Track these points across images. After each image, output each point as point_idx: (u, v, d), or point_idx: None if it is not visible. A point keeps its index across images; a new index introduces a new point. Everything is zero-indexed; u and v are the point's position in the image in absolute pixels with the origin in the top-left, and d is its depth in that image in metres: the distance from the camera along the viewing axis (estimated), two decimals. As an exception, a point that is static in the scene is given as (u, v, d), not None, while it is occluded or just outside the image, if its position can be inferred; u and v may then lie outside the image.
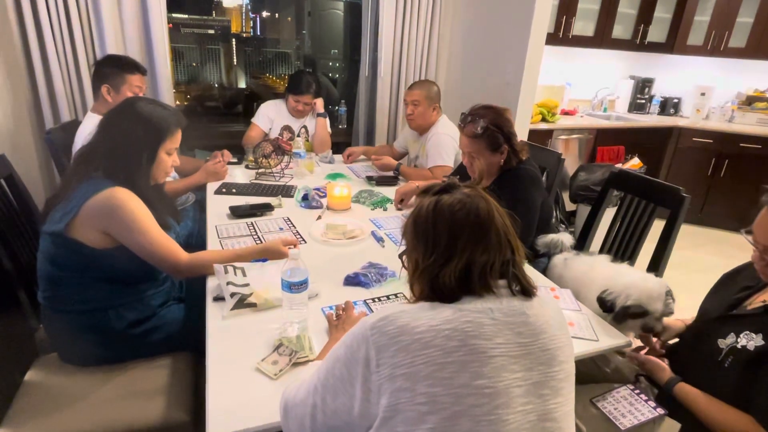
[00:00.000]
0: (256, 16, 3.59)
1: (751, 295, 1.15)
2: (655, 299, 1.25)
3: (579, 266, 1.52)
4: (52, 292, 1.24)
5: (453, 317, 0.70)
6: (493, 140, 1.65)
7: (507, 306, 0.74)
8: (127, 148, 1.23)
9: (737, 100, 4.09)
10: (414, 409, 0.66)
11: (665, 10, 3.86)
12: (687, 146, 3.92)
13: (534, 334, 0.73)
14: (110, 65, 1.90)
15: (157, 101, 1.34)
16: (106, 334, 1.28)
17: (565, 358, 0.75)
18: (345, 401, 0.71)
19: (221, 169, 2.13)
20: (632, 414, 1.10)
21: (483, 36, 3.18)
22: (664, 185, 1.72)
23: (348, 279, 1.34)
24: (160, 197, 1.38)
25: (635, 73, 4.32)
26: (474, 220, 0.76)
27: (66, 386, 1.25)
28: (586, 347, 1.15)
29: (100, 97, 1.91)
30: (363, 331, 0.71)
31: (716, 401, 1.06)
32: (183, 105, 3.52)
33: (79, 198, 1.16)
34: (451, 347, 0.67)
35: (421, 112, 2.37)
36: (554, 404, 0.72)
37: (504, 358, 0.69)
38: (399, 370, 0.67)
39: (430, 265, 0.76)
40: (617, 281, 1.30)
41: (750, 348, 1.03)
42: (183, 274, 1.30)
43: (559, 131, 3.53)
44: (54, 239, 1.17)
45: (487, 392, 0.67)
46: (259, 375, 0.97)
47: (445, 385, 0.66)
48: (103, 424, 1.15)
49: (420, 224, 0.79)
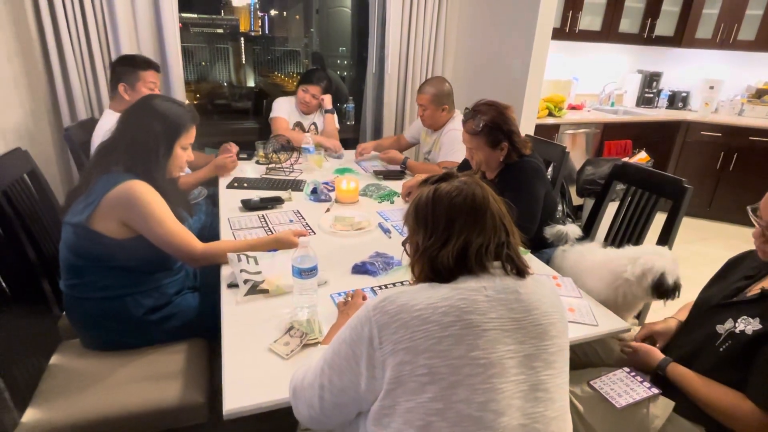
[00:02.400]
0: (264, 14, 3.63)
1: (751, 284, 1.17)
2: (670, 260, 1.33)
3: (573, 255, 1.57)
4: (74, 281, 1.31)
5: (449, 295, 0.75)
6: (493, 137, 1.69)
7: (500, 284, 0.79)
8: (146, 143, 1.29)
9: (747, 93, 4.06)
10: (415, 380, 0.71)
11: (673, 3, 3.85)
12: (695, 140, 3.90)
13: (526, 310, 0.78)
14: (124, 64, 1.98)
15: (172, 98, 1.40)
16: (125, 320, 1.34)
17: (557, 333, 0.80)
18: (352, 378, 0.76)
19: (230, 162, 2.18)
20: (628, 394, 1.14)
21: (489, 31, 3.20)
22: (666, 176, 1.74)
23: (356, 267, 1.39)
24: (175, 191, 1.44)
25: (643, 67, 4.31)
26: (470, 204, 0.81)
27: (87, 370, 1.31)
28: (587, 331, 1.19)
29: (118, 95, 1.97)
30: (366, 312, 0.76)
31: (708, 380, 1.09)
32: (192, 103, 3.58)
33: (99, 190, 1.22)
34: (447, 322, 0.72)
35: (430, 114, 2.43)
36: (546, 375, 0.76)
37: (497, 332, 0.74)
38: (400, 345, 0.72)
39: (430, 246, 0.81)
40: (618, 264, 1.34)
41: (748, 332, 1.06)
42: (199, 263, 1.35)
43: (566, 126, 3.54)
44: (76, 230, 1.24)
45: (481, 362, 0.72)
46: (271, 355, 1.02)
47: (443, 357, 0.71)
48: (122, 404, 1.21)
49: (420, 210, 0.84)
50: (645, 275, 1.34)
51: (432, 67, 3.29)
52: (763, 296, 1.09)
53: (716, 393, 1.07)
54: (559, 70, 3.87)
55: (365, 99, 3.32)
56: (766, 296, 1.08)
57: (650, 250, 1.40)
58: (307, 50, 3.84)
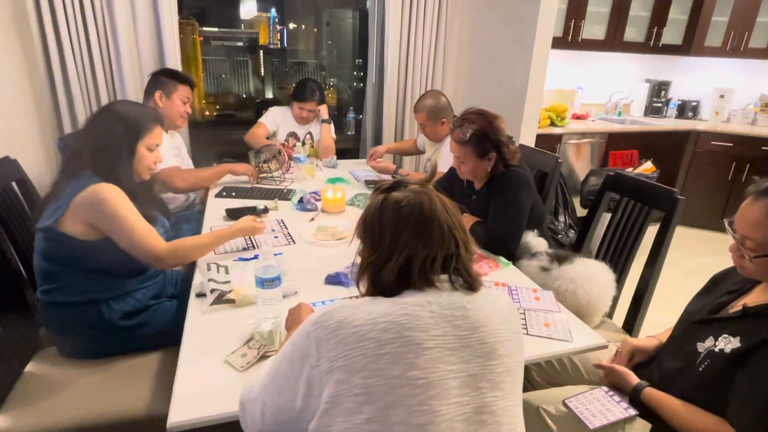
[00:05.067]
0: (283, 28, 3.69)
1: (733, 299, 1.12)
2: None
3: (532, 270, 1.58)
4: (48, 286, 1.31)
5: (390, 310, 0.72)
6: (480, 147, 1.66)
7: (447, 299, 0.75)
8: (108, 145, 1.31)
9: (760, 102, 3.95)
10: (351, 400, 0.68)
11: (680, 12, 3.78)
12: (706, 150, 3.80)
13: (472, 328, 0.74)
14: (167, 75, 2.05)
15: (136, 102, 1.42)
16: (100, 326, 1.34)
17: (506, 353, 0.75)
18: (289, 397, 0.73)
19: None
20: (603, 414, 1.09)
21: (489, 41, 3.19)
22: (659, 187, 1.68)
23: (329, 278, 1.37)
24: (147, 193, 1.46)
25: (651, 76, 4.23)
26: (417, 216, 0.78)
27: (61, 377, 1.31)
28: (560, 348, 1.15)
29: (151, 102, 2.03)
30: (306, 327, 0.73)
31: (686, 404, 1.04)
32: (213, 116, 3.63)
33: (68, 194, 1.24)
34: (386, 339, 0.69)
35: (430, 130, 2.44)
36: (492, 397, 0.72)
37: (440, 350, 0.70)
38: (337, 362, 0.69)
39: (373, 262, 0.78)
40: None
41: (727, 351, 1.00)
42: (165, 263, 1.34)
43: (568, 135, 3.49)
44: (46, 234, 1.25)
45: (420, 383, 0.68)
46: (227, 367, 1.01)
47: (379, 376, 0.68)
48: (93, 412, 1.20)
49: (368, 221, 0.82)
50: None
51: (432, 77, 3.28)
52: (744, 314, 1.03)
53: (696, 419, 1.02)
54: (563, 79, 3.83)
55: (365, 109, 3.33)
56: (747, 314, 1.02)
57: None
58: (323, 62, 3.87)
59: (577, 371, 1.36)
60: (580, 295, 1.46)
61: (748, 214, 1.00)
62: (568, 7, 3.37)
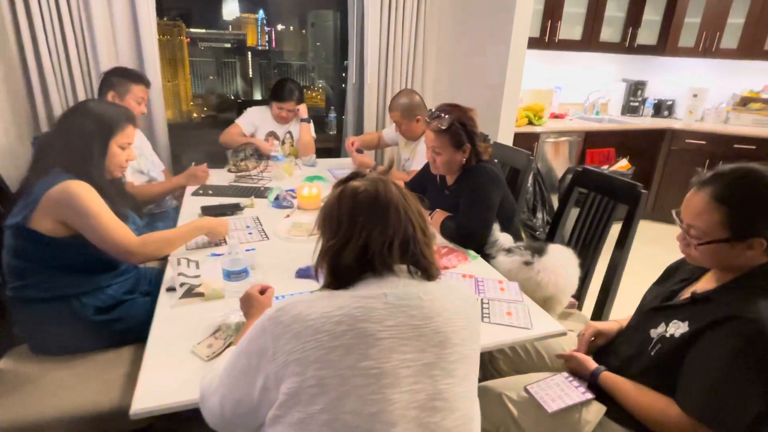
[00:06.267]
0: (271, 29, 3.69)
1: (685, 287, 1.17)
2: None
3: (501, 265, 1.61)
4: (17, 283, 1.32)
5: (345, 303, 0.74)
6: (457, 137, 1.70)
7: (403, 290, 0.77)
8: (80, 142, 1.32)
9: (732, 101, 4.06)
10: (306, 391, 0.69)
11: (654, 12, 3.87)
12: (680, 148, 3.89)
13: (427, 317, 0.76)
14: (118, 75, 2.03)
15: (108, 101, 1.43)
16: (71, 323, 1.35)
17: (460, 341, 0.78)
18: (248, 391, 0.75)
19: (202, 173, 2.20)
20: (561, 398, 1.13)
21: (467, 42, 3.24)
22: (623, 181, 1.74)
23: (300, 272, 1.40)
24: (118, 190, 1.48)
25: (627, 76, 4.32)
26: (373, 200, 0.80)
27: (32, 374, 1.31)
28: (520, 335, 1.19)
29: None
30: (263, 322, 0.75)
31: (638, 386, 1.08)
32: (200, 117, 3.62)
33: (38, 191, 1.24)
34: (339, 332, 0.71)
35: (405, 129, 2.47)
36: (445, 384, 0.74)
37: (393, 340, 0.72)
38: (292, 356, 0.70)
39: (332, 246, 0.80)
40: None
41: (676, 335, 1.05)
42: (136, 257, 1.36)
43: (546, 134, 3.55)
44: (14, 231, 1.26)
45: (373, 373, 0.70)
46: (193, 357, 1.03)
47: (332, 367, 0.70)
48: (64, 409, 1.20)
49: (326, 211, 0.84)
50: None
51: (412, 76, 3.31)
52: (693, 299, 1.08)
53: (646, 399, 1.06)
54: (540, 79, 3.90)
55: (346, 109, 3.36)
56: (696, 299, 1.07)
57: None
58: (311, 63, 3.88)
59: (541, 359, 1.40)
60: (560, 282, 1.51)
61: (692, 203, 1.05)
62: (544, 7, 3.43)
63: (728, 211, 0.98)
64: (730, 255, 1.00)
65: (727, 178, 1.01)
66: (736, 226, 0.98)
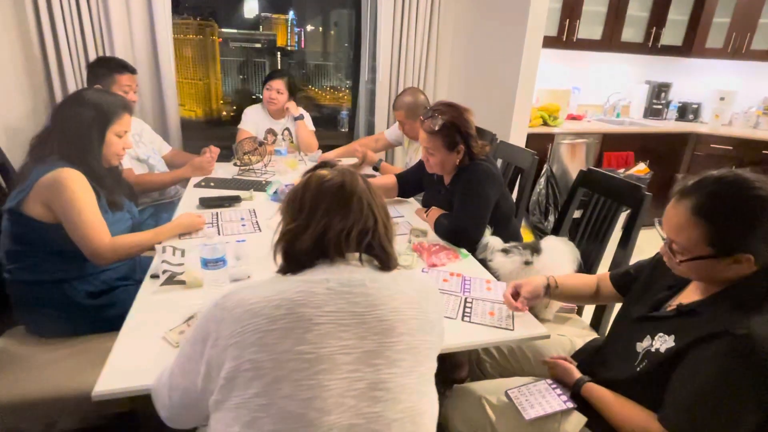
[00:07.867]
0: (301, 29, 3.74)
1: (672, 296, 1.10)
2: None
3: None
4: (13, 266, 1.36)
5: (287, 288, 0.73)
6: (450, 138, 1.67)
7: (347, 277, 0.76)
8: (78, 131, 1.35)
9: (763, 105, 3.87)
10: (242, 375, 0.69)
11: (680, 12, 3.72)
12: (705, 153, 3.74)
13: (371, 305, 0.74)
14: (101, 66, 2.05)
15: (105, 90, 1.46)
16: (64, 306, 1.38)
17: (408, 331, 0.75)
18: (192, 379, 0.75)
19: (207, 164, 2.23)
20: (541, 405, 1.09)
21: (481, 40, 3.19)
22: (627, 183, 1.67)
23: (285, 264, 1.39)
24: (116, 180, 1.50)
25: (651, 78, 4.17)
26: (337, 190, 0.81)
27: (25, 354, 1.35)
28: (501, 336, 1.15)
29: None
30: (209, 309, 0.75)
31: (620, 399, 1.03)
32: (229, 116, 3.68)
33: (34, 177, 1.28)
34: (277, 315, 0.70)
35: (409, 128, 2.45)
36: (388, 374, 0.72)
37: (332, 326, 0.71)
38: (231, 340, 0.70)
39: (291, 230, 0.81)
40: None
41: (662, 350, 0.98)
42: (104, 259, 1.35)
43: (562, 135, 3.46)
44: (9, 215, 1.30)
45: (308, 357, 0.69)
46: (164, 343, 1.03)
47: (268, 351, 0.69)
48: (52, 388, 1.24)
49: (291, 196, 0.84)
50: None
51: (425, 75, 3.29)
52: (679, 312, 1.01)
53: (628, 412, 1.01)
54: (558, 79, 3.80)
55: (358, 107, 3.36)
56: (682, 312, 1.00)
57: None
58: (341, 64, 3.90)
59: (528, 364, 1.36)
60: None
61: (671, 217, 0.95)
62: (562, 6, 3.34)
63: (709, 227, 0.89)
64: (716, 270, 0.93)
65: (709, 188, 0.91)
66: (719, 243, 0.89)
